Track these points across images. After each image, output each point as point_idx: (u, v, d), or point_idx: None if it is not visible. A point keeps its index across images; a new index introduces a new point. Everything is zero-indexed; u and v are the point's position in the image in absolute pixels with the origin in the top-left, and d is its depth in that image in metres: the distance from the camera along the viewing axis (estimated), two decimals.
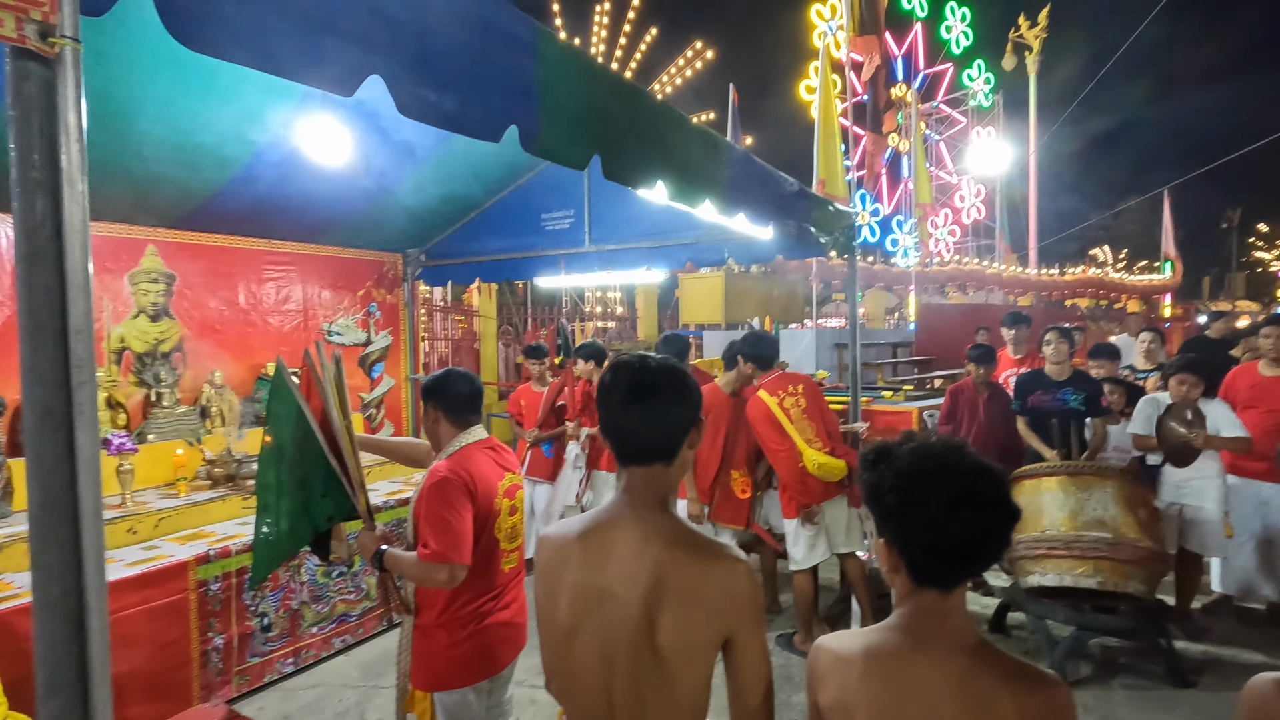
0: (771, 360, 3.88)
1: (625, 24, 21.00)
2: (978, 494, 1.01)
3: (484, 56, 1.37)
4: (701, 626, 1.15)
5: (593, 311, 14.62)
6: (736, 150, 2.55)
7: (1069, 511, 3.42)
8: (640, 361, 1.25)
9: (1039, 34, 20.18)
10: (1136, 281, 23.73)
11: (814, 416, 3.70)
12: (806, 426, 3.66)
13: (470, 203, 5.16)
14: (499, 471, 2.03)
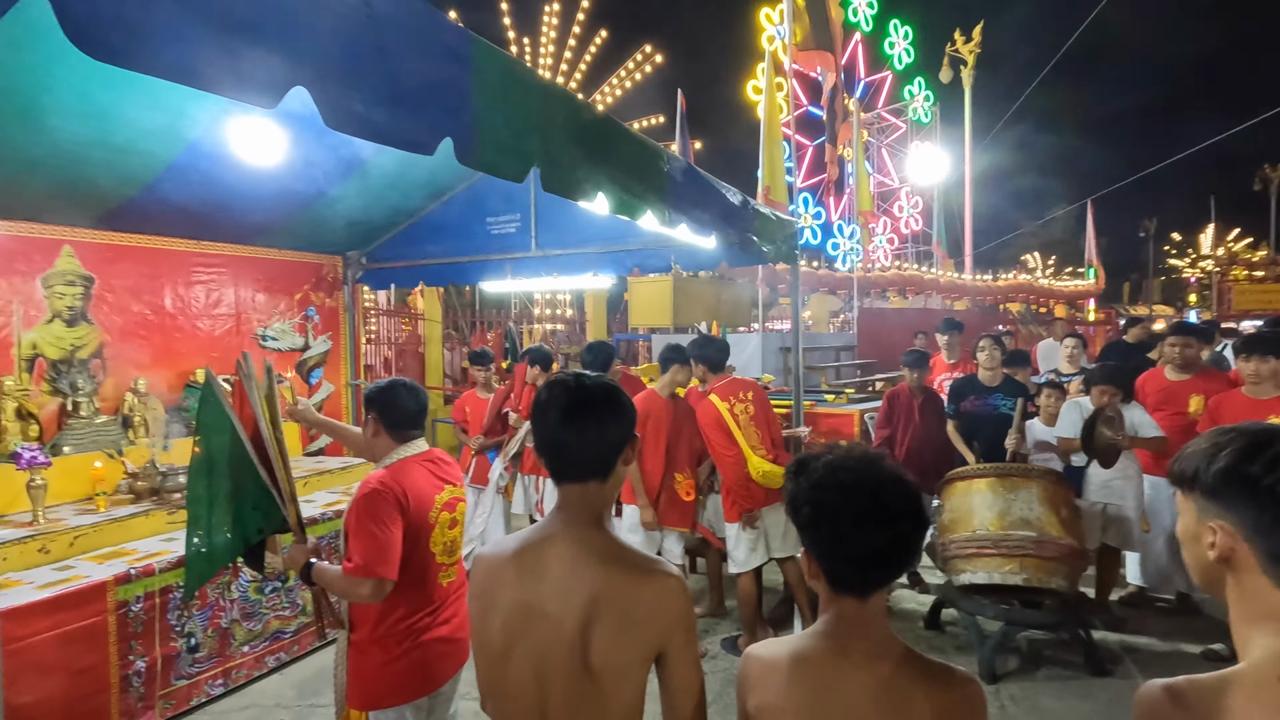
0: (722, 363, 3.93)
1: (575, 25, 20.94)
2: (886, 506, 1.05)
3: (416, 68, 1.34)
4: (635, 643, 1.16)
5: (542, 314, 14.52)
6: (678, 161, 2.58)
7: (997, 512, 3.57)
8: (575, 380, 1.25)
9: (973, 49, 21.06)
10: (1063, 287, 24.98)
11: (760, 424, 3.77)
12: (753, 433, 3.72)
13: (414, 205, 5.06)
14: (436, 485, 2.00)
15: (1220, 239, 36.91)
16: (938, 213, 18.95)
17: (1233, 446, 0.87)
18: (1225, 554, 0.88)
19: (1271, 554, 0.84)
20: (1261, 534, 0.84)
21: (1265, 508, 0.83)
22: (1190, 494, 0.92)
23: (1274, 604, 0.85)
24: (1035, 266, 35.34)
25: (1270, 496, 0.83)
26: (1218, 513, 0.88)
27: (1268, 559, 0.84)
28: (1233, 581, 0.89)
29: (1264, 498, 0.83)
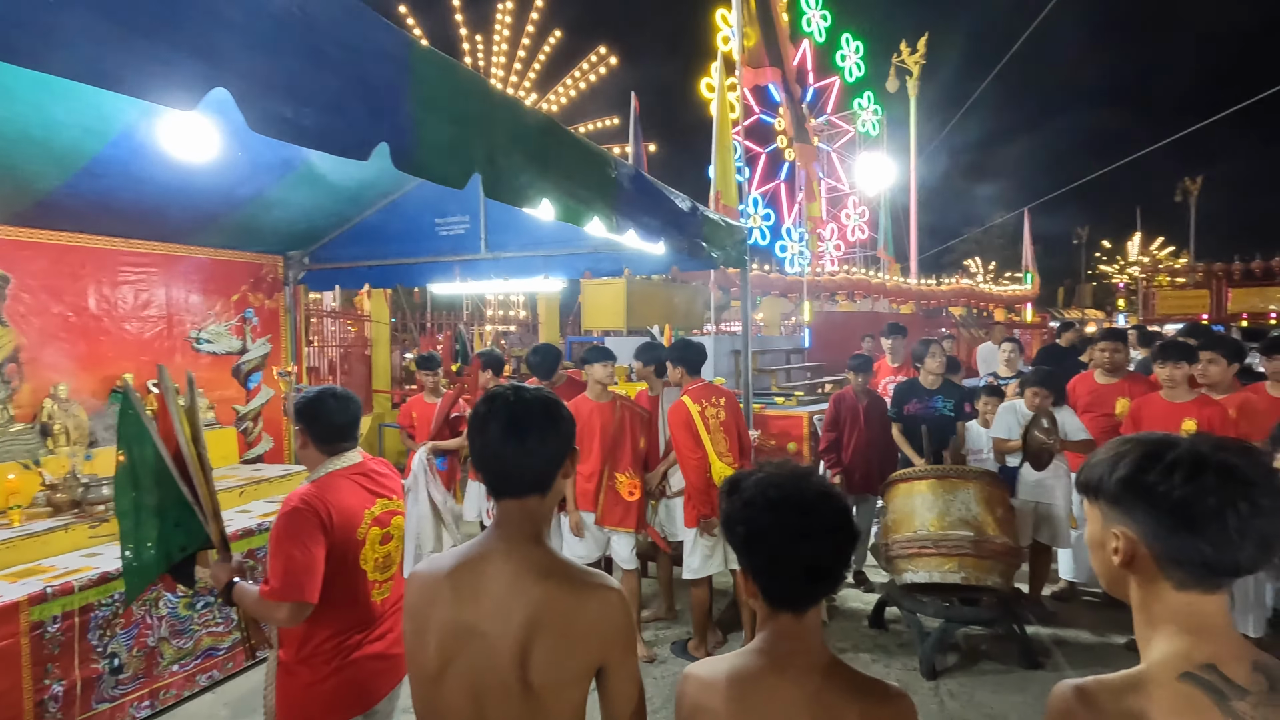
0: (698, 365, 3.96)
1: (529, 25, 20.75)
2: (816, 522, 1.06)
3: (349, 71, 1.30)
4: (575, 659, 1.15)
5: (495, 316, 14.34)
6: (626, 167, 2.57)
7: (937, 512, 3.68)
8: (514, 393, 1.23)
9: (918, 60, 21.69)
10: (1002, 291, 25.97)
11: (730, 431, 3.79)
12: (721, 439, 3.75)
13: (359, 205, 4.93)
14: (367, 499, 1.93)
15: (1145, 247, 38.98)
16: (884, 218, 19.47)
17: (1130, 456, 0.91)
18: (1128, 559, 0.91)
19: (1168, 558, 0.88)
20: (1159, 539, 0.88)
21: (1161, 514, 0.87)
22: (1095, 502, 0.96)
23: (1173, 606, 0.89)
24: (976, 271, 36.63)
25: (1165, 503, 0.86)
26: (1120, 520, 0.92)
27: (1165, 563, 0.88)
28: (1135, 585, 0.93)
29: (1159, 505, 0.87)
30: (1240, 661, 0.86)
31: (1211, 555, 0.85)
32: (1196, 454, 0.87)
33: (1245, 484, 0.84)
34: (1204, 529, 0.84)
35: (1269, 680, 0.84)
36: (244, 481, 4.25)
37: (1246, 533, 0.83)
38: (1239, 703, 0.83)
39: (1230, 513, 0.83)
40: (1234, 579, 0.88)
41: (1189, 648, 0.87)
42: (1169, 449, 0.89)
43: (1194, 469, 0.85)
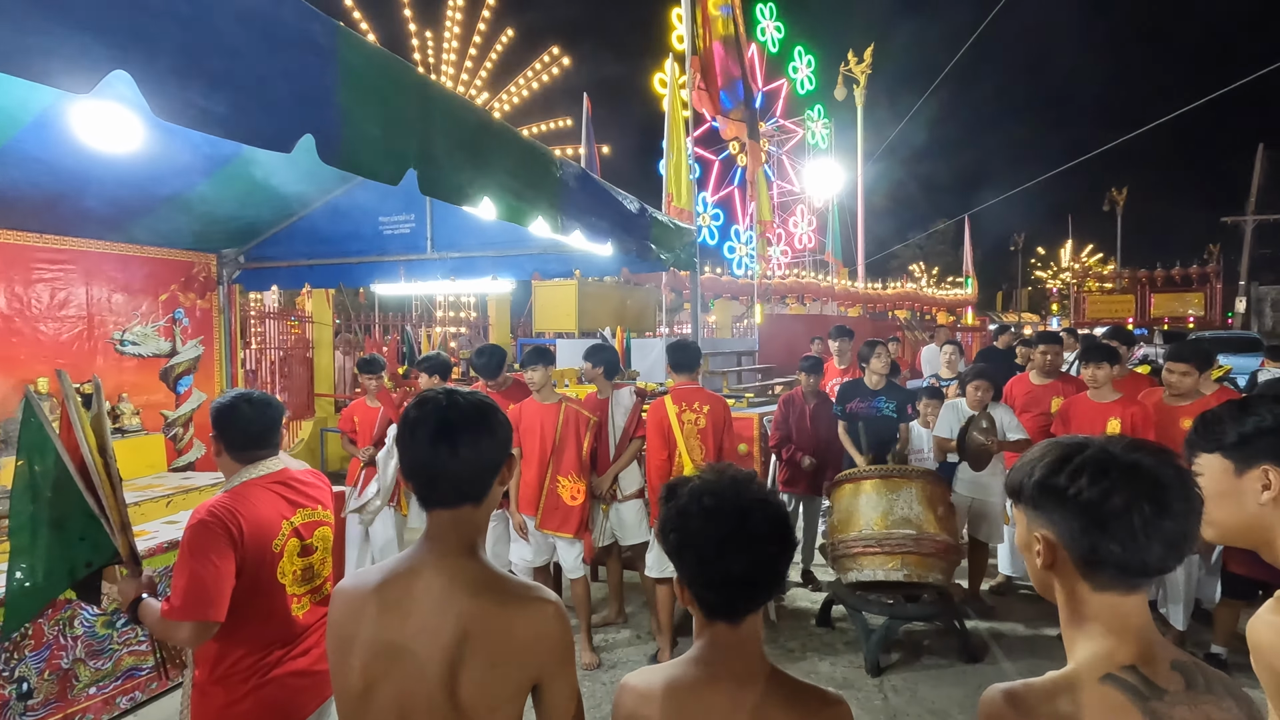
0: (683, 364, 3.93)
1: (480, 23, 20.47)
2: (748, 531, 1.03)
3: (268, 58, 1.23)
4: (509, 676, 1.11)
5: (444, 317, 14.07)
6: (572, 167, 2.54)
7: (881, 512, 3.75)
8: (447, 397, 1.18)
9: (864, 69, 22.27)
10: (944, 296, 26.86)
11: (707, 439, 3.74)
12: (695, 446, 3.73)
13: (298, 201, 4.75)
14: (286, 509, 1.83)
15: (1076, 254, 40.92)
16: (833, 223, 19.89)
17: (1045, 461, 0.93)
18: (1049, 561, 0.93)
19: (1084, 560, 0.89)
20: (1074, 541, 0.89)
21: (1073, 516, 0.89)
22: (1020, 506, 0.97)
23: (1094, 607, 0.91)
24: (921, 276, 37.80)
25: (1076, 505, 0.88)
26: (1040, 523, 0.93)
27: (1083, 564, 0.90)
28: (1059, 587, 0.95)
29: (1071, 507, 0.88)
30: (1160, 661, 0.88)
31: (1121, 555, 0.87)
32: (1104, 456, 0.88)
33: (1152, 485, 0.86)
34: (1112, 529, 0.86)
35: (1186, 679, 0.87)
36: (172, 490, 4.05)
37: (1153, 533, 0.85)
38: (1157, 703, 0.85)
39: (1136, 513, 0.85)
40: (1148, 579, 0.90)
41: (1111, 649, 0.89)
42: (1079, 451, 0.90)
43: (1100, 471, 0.87)
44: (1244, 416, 1.11)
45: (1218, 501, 1.12)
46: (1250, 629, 1.03)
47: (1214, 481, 1.13)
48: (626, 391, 4.19)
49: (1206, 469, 1.15)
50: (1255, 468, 1.09)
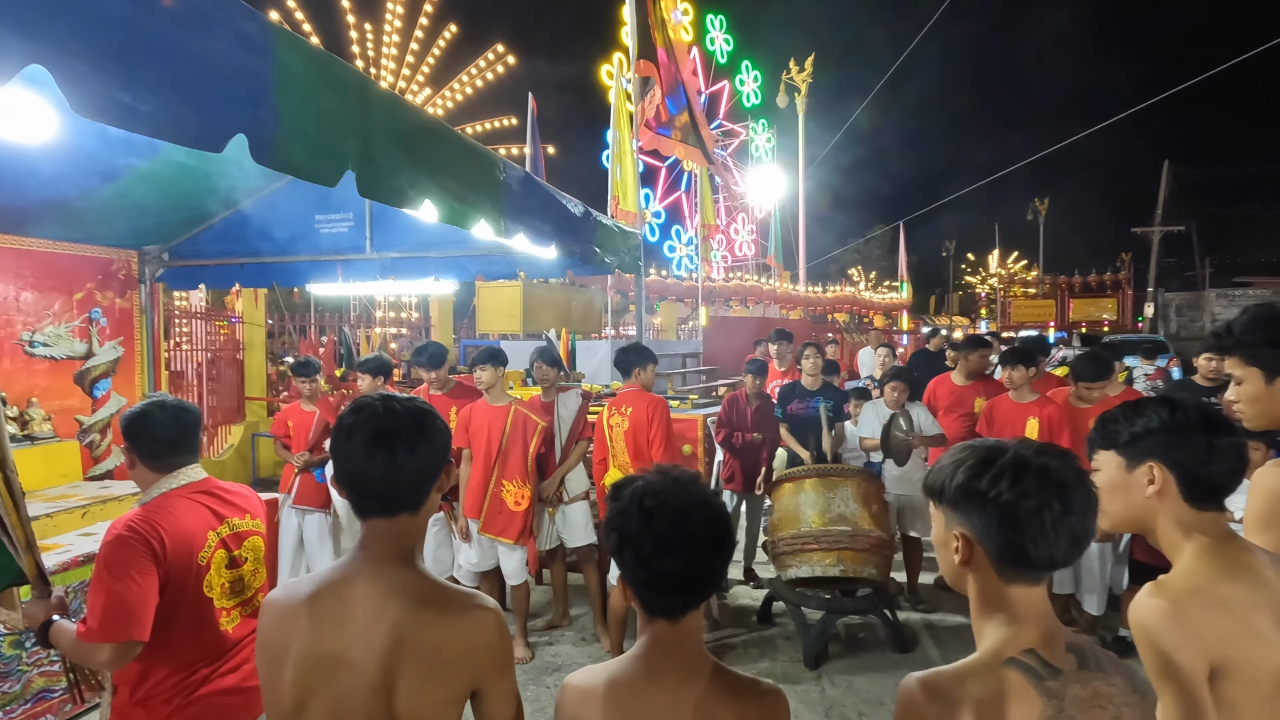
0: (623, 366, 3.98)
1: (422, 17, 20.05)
2: (685, 532, 1.05)
3: (199, 55, 1.19)
4: (448, 685, 1.10)
5: (385, 319, 13.71)
6: (516, 170, 2.53)
7: (819, 510, 3.87)
8: (383, 403, 1.17)
9: (805, 78, 22.83)
10: (881, 300, 27.79)
11: (630, 439, 3.80)
12: (621, 450, 3.82)
13: (228, 197, 4.55)
14: (211, 520, 1.76)
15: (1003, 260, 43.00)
16: (775, 228, 20.32)
17: (966, 464, 1.01)
18: (966, 558, 1.01)
19: (999, 555, 0.98)
20: (990, 538, 0.98)
21: (991, 516, 0.97)
22: (939, 506, 1.05)
23: (1002, 598, 0.99)
24: (859, 280, 38.99)
25: (994, 506, 0.96)
26: (959, 521, 1.01)
27: (996, 560, 0.98)
28: (972, 581, 1.03)
29: (990, 508, 0.97)
30: (1057, 644, 0.97)
31: (1032, 551, 0.95)
32: (1020, 460, 0.97)
33: (1060, 486, 0.95)
34: (1026, 527, 0.94)
35: (1079, 659, 0.96)
36: (88, 501, 3.82)
37: (1061, 529, 0.94)
38: (1053, 682, 0.93)
39: (1047, 512, 0.94)
40: (1052, 571, 0.99)
41: (1014, 635, 0.97)
42: (998, 456, 0.98)
43: (1018, 474, 0.95)
44: (1135, 418, 1.21)
45: (1111, 494, 1.22)
46: (1131, 611, 1.13)
47: (1108, 476, 1.23)
48: (573, 394, 4.19)
49: (1103, 464, 1.25)
50: (1143, 464, 1.19)
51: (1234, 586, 1.10)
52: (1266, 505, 1.40)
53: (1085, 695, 0.93)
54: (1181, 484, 1.16)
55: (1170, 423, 1.17)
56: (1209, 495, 1.16)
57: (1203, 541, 1.16)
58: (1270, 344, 1.48)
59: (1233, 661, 1.06)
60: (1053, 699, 0.92)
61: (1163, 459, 1.17)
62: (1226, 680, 1.06)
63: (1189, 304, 31.14)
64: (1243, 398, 1.53)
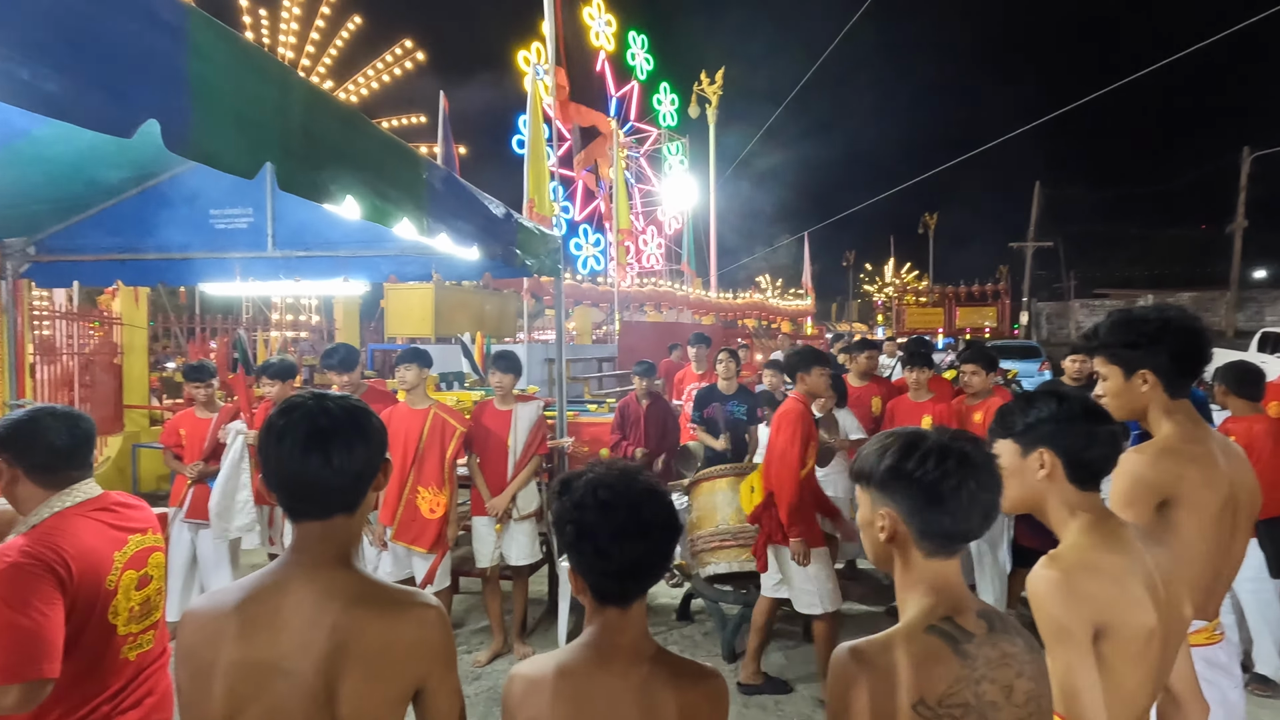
0: None
1: (324, 6, 19.16)
2: (643, 519, 1.11)
3: (107, 34, 1.11)
4: (391, 684, 1.09)
5: (282, 321, 12.97)
6: (439, 169, 2.49)
7: (736, 507, 4.00)
8: (316, 401, 1.13)
9: (716, 91, 23.47)
10: (787, 306, 28.92)
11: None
12: None
13: (107, 186, 4.17)
14: (115, 538, 1.60)
15: (897, 270, 45.78)
16: (688, 236, 20.76)
17: (893, 449, 1.12)
18: (891, 535, 1.12)
19: (922, 532, 1.09)
20: (914, 516, 1.09)
21: (916, 496, 1.08)
22: (866, 488, 1.16)
23: (925, 572, 1.11)
24: (767, 287, 40.38)
25: (920, 486, 1.08)
26: (885, 502, 1.12)
27: (920, 536, 1.10)
28: (897, 557, 1.13)
29: (915, 488, 1.08)
30: (969, 612, 1.09)
31: (951, 526, 1.08)
32: (942, 445, 1.09)
33: (974, 467, 1.07)
34: (947, 505, 1.07)
35: (988, 624, 1.08)
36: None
37: (974, 506, 1.07)
38: (967, 644, 1.05)
39: (964, 490, 1.06)
40: (965, 544, 1.12)
41: (933, 605, 1.08)
42: (922, 441, 1.10)
43: (941, 457, 1.07)
44: (1029, 409, 1.36)
45: (1008, 478, 1.36)
46: (1029, 582, 1.28)
47: (1006, 462, 1.37)
48: (533, 406, 4.03)
49: (1001, 452, 1.39)
50: (1035, 450, 1.34)
51: (1113, 556, 1.25)
52: (1127, 487, 1.59)
53: (995, 656, 1.05)
54: (1067, 467, 1.32)
55: (1058, 413, 1.32)
56: (1090, 477, 1.32)
57: (1085, 518, 1.31)
58: (1128, 345, 1.69)
59: (1111, 623, 1.20)
60: (967, 660, 1.03)
61: (1052, 445, 1.32)
62: (1105, 639, 1.20)
63: (1057, 313, 34.32)
64: (1108, 392, 1.74)
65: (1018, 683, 1.05)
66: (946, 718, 1.00)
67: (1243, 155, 26.59)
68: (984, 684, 1.03)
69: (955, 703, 1.01)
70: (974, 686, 1.02)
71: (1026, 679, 1.06)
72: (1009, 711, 1.03)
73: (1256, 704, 3.37)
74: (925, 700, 1.01)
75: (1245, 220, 26.90)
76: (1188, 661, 1.39)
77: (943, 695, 1.01)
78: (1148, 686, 1.26)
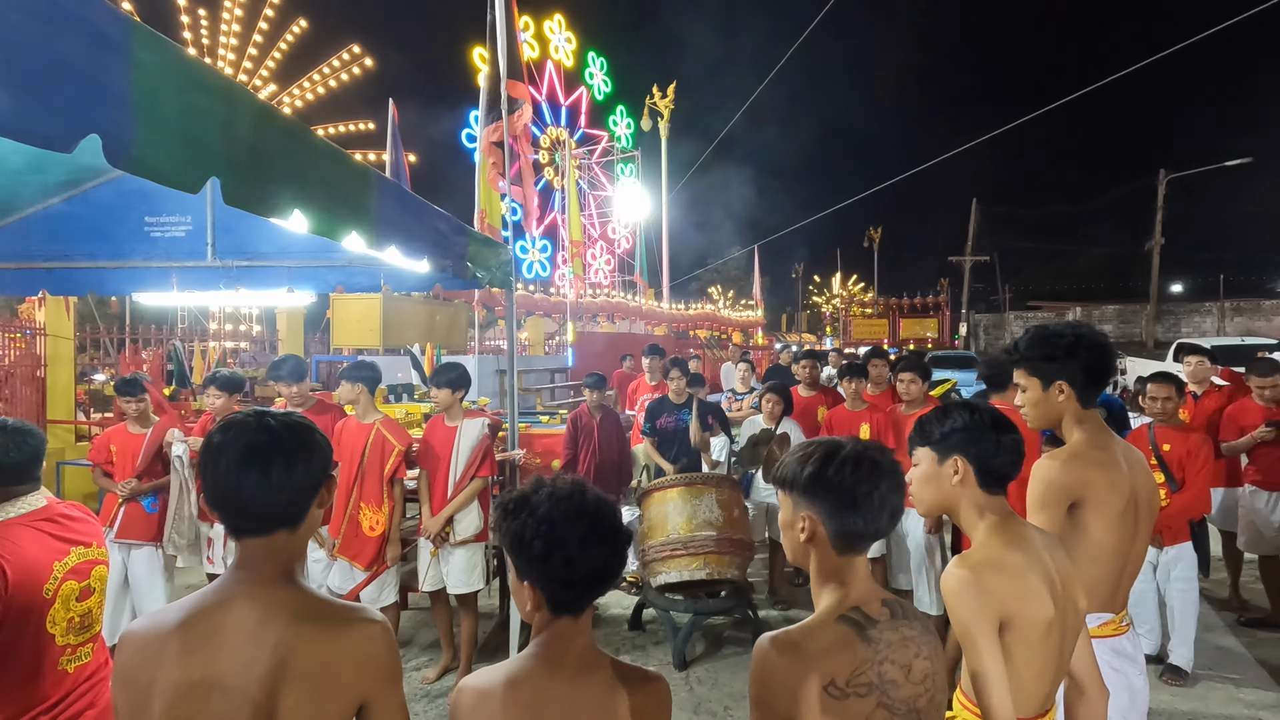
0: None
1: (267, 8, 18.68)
2: (602, 527, 1.17)
3: (45, 47, 1.10)
4: (334, 700, 1.09)
5: (220, 331, 12.51)
6: (388, 182, 2.48)
7: (685, 516, 4.07)
8: (256, 418, 1.14)
9: (668, 104, 23.78)
10: (739, 317, 29.37)
11: None
12: None
13: (35, 190, 3.99)
14: (57, 548, 1.60)
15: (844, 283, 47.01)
16: (640, 248, 20.91)
17: (815, 457, 1.23)
18: (810, 536, 1.22)
19: (838, 532, 1.21)
20: (832, 518, 1.20)
21: (833, 499, 1.20)
22: (788, 493, 1.26)
23: (836, 567, 1.22)
24: (718, 299, 40.91)
25: (837, 491, 1.19)
26: (806, 506, 1.23)
27: (835, 536, 1.21)
28: (814, 555, 1.24)
29: (833, 492, 1.20)
30: (875, 601, 1.21)
31: (863, 526, 1.19)
32: (857, 453, 1.21)
33: (884, 473, 1.19)
34: (860, 507, 1.18)
35: (891, 611, 1.21)
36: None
37: (883, 507, 1.19)
38: (872, 629, 1.17)
39: (876, 494, 1.18)
40: (874, 542, 1.24)
41: (844, 597, 1.20)
42: (840, 449, 1.21)
43: (857, 464, 1.19)
44: (945, 419, 1.47)
45: (925, 483, 1.48)
46: (942, 581, 1.38)
47: (925, 468, 1.48)
48: (478, 423, 3.87)
49: (920, 459, 1.50)
50: (950, 457, 1.45)
51: (1016, 555, 1.36)
52: (1042, 491, 1.72)
53: (896, 639, 1.18)
54: (978, 473, 1.43)
55: (970, 423, 1.44)
56: (997, 482, 1.44)
57: (992, 520, 1.43)
58: (1045, 358, 1.83)
59: (1014, 615, 1.32)
60: (872, 644, 1.16)
61: (964, 453, 1.44)
62: (1008, 630, 1.32)
63: (994, 324, 35.82)
64: (1027, 402, 1.87)
65: (916, 662, 1.17)
66: (853, 696, 1.12)
67: (1159, 177, 28.36)
68: (886, 665, 1.15)
69: (861, 682, 1.12)
70: (877, 667, 1.14)
71: (923, 659, 1.19)
72: (908, 688, 1.15)
73: (1170, 693, 3.61)
74: (835, 682, 1.11)
75: (1162, 238, 28.67)
76: (1088, 649, 1.51)
77: (850, 676, 1.12)
78: (1047, 674, 1.38)
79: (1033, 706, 1.37)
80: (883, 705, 1.13)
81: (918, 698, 1.16)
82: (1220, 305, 31.29)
